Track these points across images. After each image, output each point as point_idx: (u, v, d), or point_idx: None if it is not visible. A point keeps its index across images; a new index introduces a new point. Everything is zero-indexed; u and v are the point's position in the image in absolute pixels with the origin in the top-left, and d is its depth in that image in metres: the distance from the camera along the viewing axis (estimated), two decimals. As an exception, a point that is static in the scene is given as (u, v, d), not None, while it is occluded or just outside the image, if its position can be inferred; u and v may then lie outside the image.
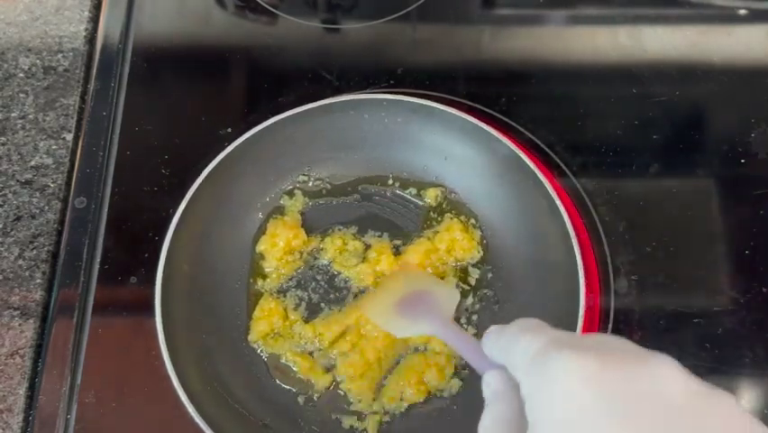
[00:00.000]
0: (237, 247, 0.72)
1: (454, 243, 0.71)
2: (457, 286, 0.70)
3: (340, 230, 0.73)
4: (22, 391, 0.66)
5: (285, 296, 0.71)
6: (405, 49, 0.84)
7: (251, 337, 0.69)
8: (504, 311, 0.69)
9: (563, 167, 0.75)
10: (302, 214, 0.74)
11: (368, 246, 0.72)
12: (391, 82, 0.80)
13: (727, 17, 0.86)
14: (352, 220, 0.74)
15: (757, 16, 0.85)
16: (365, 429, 0.65)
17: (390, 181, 0.75)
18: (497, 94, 0.79)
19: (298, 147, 0.73)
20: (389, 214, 0.74)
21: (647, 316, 0.69)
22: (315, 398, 0.67)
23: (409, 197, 0.74)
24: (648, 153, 0.77)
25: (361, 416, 0.66)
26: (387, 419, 0.66)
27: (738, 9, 0.85)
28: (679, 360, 0.67)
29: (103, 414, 0.65)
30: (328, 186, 0.75)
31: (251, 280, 0.71)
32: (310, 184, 0.75)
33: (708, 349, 0.68)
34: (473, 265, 0.71)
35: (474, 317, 0.69)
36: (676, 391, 0.36)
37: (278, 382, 0.68)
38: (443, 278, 0.71)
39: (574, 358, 0.36)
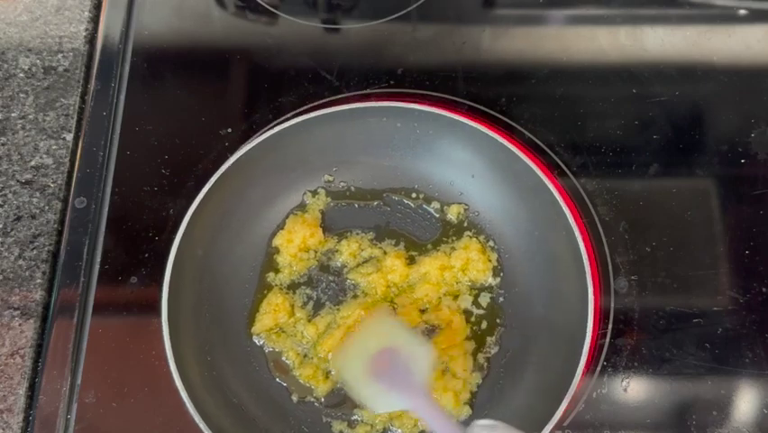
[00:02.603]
0: (254, 238, 0.72)
1: (469, 262, 0.71)
2: (471, 305, 0.70)
3: (357, 234, 0.73)
4: (22, 391, 0.66)
5: (294, 293, 0.71)
6: (405, 49, 0.84)
7: (254, 329, 0.69)
8: (510, 335, 0.69)
9: (563, 167, 0.75)
10: (322, 213, 0.74)
11: (383, 254, 0.72)
12: (391, 82, 0.80)
13: (727, 17, 0.85)
14: (371, 226, 0.74)
15: (757, 16, 0.85)
16: None
17: (414, 194, 0.74)
18: (497, 94, 0.79)
19: (328, 147, 0.73)
20: (409, 225, 0.74)
21: (647, 316, 0.69)
22: (308, 399, 0.67)
23: (431, 210, 0.74)
24: (648, 153, 0.77)
25: (351, 423, 0.66)
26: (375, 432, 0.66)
27: (738, 9, 0.85)
28: (679, 360, 0.67)
29: (103, 414, 0.65)
30: (352, 189, 0.75)
31: (264, 273, 0.71)
32: (335, 185, 0.75)
33: (708, 349, 0.68)
34: (485, 289, 0.71)
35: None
36: None
37: (274, 377, 0.68)
38: (456, 297, 0.70)
39: None
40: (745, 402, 0.66)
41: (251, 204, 0.72)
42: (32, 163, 0.76)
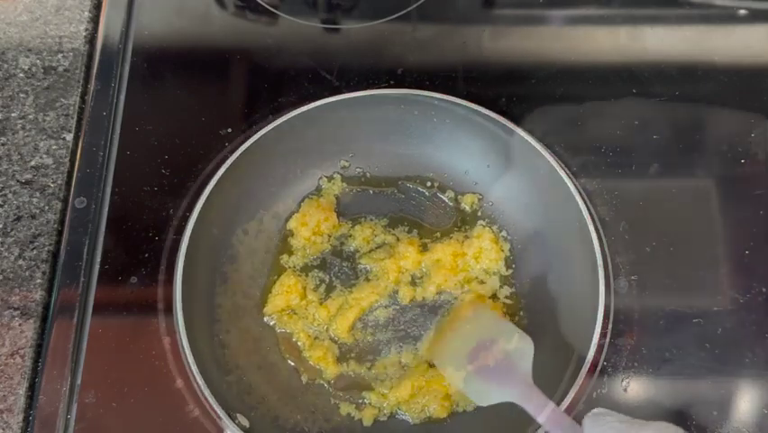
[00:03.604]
0: (269, 220, 0.73)
1: (482, 251, 0.71)
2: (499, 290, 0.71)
3: (371, 220, 0.74)
4: (22, 391, 0.66)
5: (307, 275, 0.72)
6: (405, 49, 0.84)
7: (266, 310, 0.70)
8: (519, 327, 0.69)
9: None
10: (337, 198, 0.75)
11: (395, 240, 0.72)
12: (391, 82, 0.80)
13: (727, 17, 0.86)
14: (385, 213, 0.74)
15: (757, 16, 0.85)
16: (360, 420, 0.66)
17: (429, 182, 0.75)
18: (497, 94, 0.79)
19: (345, 133, 0.74)
20: (423, 213, 0.74)
21: (647, 316, 0.69)
22: (317, 381, 0.68)
23: (446, 199, 0.75)
24: (648, 153, 0.77)
25: (359, 406, 0.67)
26: (382, 417, 0.66)
27: (738, 9, 0.85)
28: (679, 360, 0.67)
29: (103, 414, 0.65)
30: (368, 175, 0.76)
31: (278, 255, 0.72)
32: (350, 171, 0.76)
33: (708, 349, 0.68)
34: (504, 281, 0.71)
35: None
36: None
37: (285, 358, 0.69)
38: (483, 282, 0.71)
39: None
40: (745, 402, 0.66)
41: (268, 186, 0.73)
42: (32, 163, 0.76)
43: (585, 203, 0.68)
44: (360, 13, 0.87)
